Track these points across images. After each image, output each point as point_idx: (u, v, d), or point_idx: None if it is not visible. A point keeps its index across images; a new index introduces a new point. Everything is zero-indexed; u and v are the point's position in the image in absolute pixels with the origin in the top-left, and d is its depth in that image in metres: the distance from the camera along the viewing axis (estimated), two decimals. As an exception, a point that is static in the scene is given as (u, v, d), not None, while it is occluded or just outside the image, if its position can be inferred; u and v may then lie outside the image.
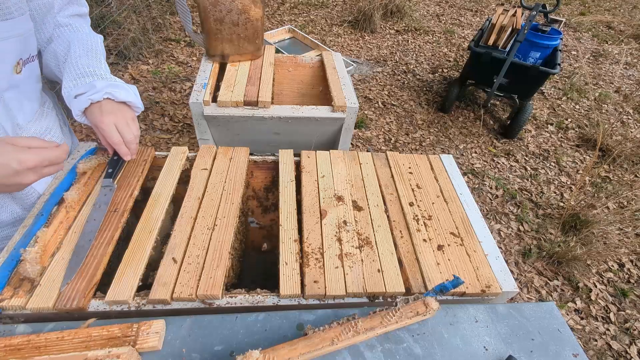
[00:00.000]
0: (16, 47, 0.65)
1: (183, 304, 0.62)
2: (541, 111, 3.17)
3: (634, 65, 4.06)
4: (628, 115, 3.24)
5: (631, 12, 5.55)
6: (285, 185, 0.85)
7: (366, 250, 0.73)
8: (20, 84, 0.69)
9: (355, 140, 2.65)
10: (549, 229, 2.17)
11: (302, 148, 0.97)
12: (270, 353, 0.50)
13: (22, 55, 0.68)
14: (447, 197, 0.88)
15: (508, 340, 0.61)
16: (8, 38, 0.63)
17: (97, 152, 0.87)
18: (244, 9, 1.20)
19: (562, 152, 2.76)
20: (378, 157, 0.98)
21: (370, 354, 0.56)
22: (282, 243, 0.72)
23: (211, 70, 1.26)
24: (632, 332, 1.73)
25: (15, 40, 0.64)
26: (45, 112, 0.83)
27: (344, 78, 1.30)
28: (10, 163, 0.51)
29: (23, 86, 0.70)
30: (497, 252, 0.77)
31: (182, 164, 0.87)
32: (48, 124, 0.82)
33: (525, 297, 1.84)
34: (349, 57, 3.60)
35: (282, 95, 1.52)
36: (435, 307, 0.59)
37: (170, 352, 0.54)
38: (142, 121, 2.49)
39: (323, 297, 0.65)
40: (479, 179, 2.46)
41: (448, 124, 2.90)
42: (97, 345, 0.51)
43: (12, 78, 0.66)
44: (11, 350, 0.50)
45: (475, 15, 4.85)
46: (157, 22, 3.47)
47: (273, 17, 4.13)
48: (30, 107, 0.77)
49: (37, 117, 0.80)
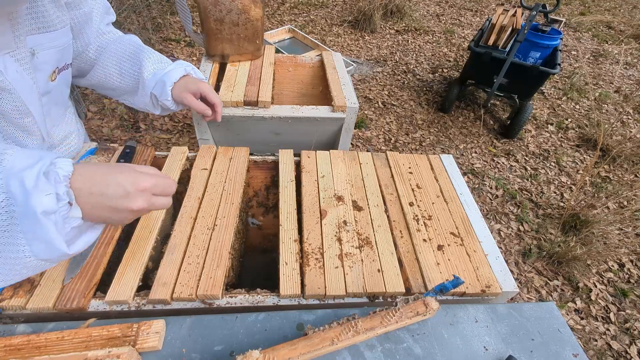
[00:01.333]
0: (55, 57, 0.68)
1: (183, 304, 0.62)
2: (541, 111, 3.17)
3: (634, 65, 4.06)
4: (628, 115, 3.24)
5: (631, 12, 5.55)
6: (285, 185, 0.85)
7: (366, 250, 0.73)
8: (52, 90, 0.71)
9: (355, 140, 2.65)
10: (549, 229, 2.17)
11: (302, 148, 0.97)
12: (270, 353, 0.50)
13: (58, 64, 0.70)
14: (447, 197, 0.88)
15: (508, 340, 0.61)
16: (49, 49, 0.65)
17: (97, 152, 0.87)
18: (244, 9, 1.20)
19: (562, 152, 2.76)
20: (378, 157, 0.98)
21: (370, 354, 0.56)
22: (282, 243, 0.72)
23: (211, 70, 1.27)
24: (632, 332, 1.73)
25: (54, 51, 0.67)
26: (67, 117, 0.85)
27: (344, 78, 1.30)
28: (125, 183, 0.49)
29: (54, 92, 0.73)
30: (497, 252, 0.77)
31: (182, 164, 0.87)
32: (70, 129, 0.85)
33: (525, 297, 1.84)
34: (349, 57, 3.60)
35: (282, 95, 1.52)
36: (435, 307, 0.59)
37: (170, 352, 0.54)
38: (142, 121, 2.49)
39: (323, 297, 0.65)
40: (479, 179, 2.46)
41: (448, 124, 2.89)
42: (97, 345, 0.51)
43: (47, 85, 0.68)
44: (11, 350, 0.50)
45: (475, 15, 4.85)
46: (157, 22, 3.47)
47: (273, 17, 4.13)
48: (57, 112, 0.79)
49: (61, 121, 0.82)
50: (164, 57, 0.87)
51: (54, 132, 0.79)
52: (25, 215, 0.43)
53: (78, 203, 0.46)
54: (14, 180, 0.43)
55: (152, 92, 0.84)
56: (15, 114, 0.62)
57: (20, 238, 0.44)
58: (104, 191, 0.48)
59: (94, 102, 2.55)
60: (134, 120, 2.48)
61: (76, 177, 0.47)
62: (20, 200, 0.43)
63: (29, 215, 0.43)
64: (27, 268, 0.46)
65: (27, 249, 0.44)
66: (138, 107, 0.90)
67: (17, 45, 0.59)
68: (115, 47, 0.84)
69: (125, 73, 0.85)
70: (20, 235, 0.44)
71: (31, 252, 0.45)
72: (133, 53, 0.84)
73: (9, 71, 0.58)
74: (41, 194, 0.43)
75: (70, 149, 0.84)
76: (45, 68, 0.66)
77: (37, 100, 0.66)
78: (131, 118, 2.49)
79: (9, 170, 0.44)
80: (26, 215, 0.43)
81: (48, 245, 0.45)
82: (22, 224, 0.44)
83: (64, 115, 0.83)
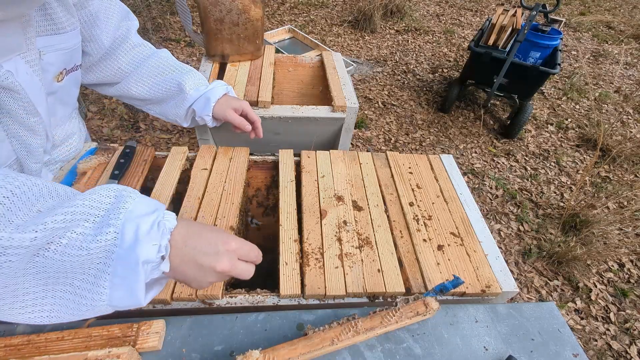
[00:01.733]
0: (62, 58, 0.68)
1: (183, 304, 0.62)
2: (541, 111, 3.17)
3: (634, 65, 4.06)
4: (628, 115, 3.24)
5: (631, 12, 5.55)
6: (285, 185, 0.85)
7: (366, 250, 0.73)
8: (58, 91, 0.72)
9: (355, 140, 2.65)
10: (549, 229, 2.17)
11: (302, 148, 0.97)
12: (270, 353, 0.50)
13: (66, 65, 0.71)
14: (447, 197, 0.88)
15: (508, 340, 0.61)
16: (57, 50, 0.66)
17: (97, 152, 0.87)
18: (244, 9, 1.20)
19: (562, 152, 2.76)
20: (378, 157, 0.98)
21: (370, 354, 0.56)
22: (282, 243, 0.72)
23: (211, 70, 1.27)
24: (632, 332, 1.73)
25: (62, 53, 0.68)
26: (72, 117, 0.86)
27: (344, 78, 1.30)
28: (216, 240, 0.49)
29: (61, 92, 0.73)
30: (497, 252, 0.77)
31: (182, 164, 0.87)
32: (72, 129, 0.85)
33: (525, 297, 1.84)
34: (349, 57, 3.60)
35: (282, 95, 1.52)
36: (435, 307, 0.59)
37: (170, 352, 0.54)
38: (142, 121, 2.49)
39: (323, 297, 0.65)
40: (479, 179, 2.46)
41: (448, 124, 2.90)
42: (97, 345, 0.51)
43: (52, 85, 0.69)
44: (11, 350, 0.50)
45: (475, 15, 4.85)
46: (157, 22, 3.47)
47: (273, 17, 4.13)
48: (63, 112, 0.79)
49: (65, 122, 0.82)
50: (198, 72, 0.92)
51: (57, 132, 0.79)
52: (123, 259, 0.43)
53: (169, 257, 0.47)
54: (131, 224, 0.43)
55: (193, 107, 0.87)
56: (22, 114, 0.62)
57: (105, 280, 0.43)
58: (197, 245, 0.48)
59: (94, 102, 2.55)
60: (134, 120, 2.49)
61: (178, 229, 0.47)
62: (127, 244, 0.43)
63: (128, 261, 0.43)
64: (89, 312, 0.45)
65: (107, 292, 0.43)
66: (164, 116, 0.92)
67: (28, 47, 0.60)
68: (152, 62, 0.87)
69: (159, 87, 0.87)
70: (106, 277, 0.43)
71: (108, 297, 0.44)
72: (169, 68, 0.88)
73: (19, 73, 0.58)
74: (149, 243, 0.44)
75: (71, 149, 0.84)
76: (51, 69, 0.67)
77: (44, 100, 0.66)
78: (131, 118, 2.49)
79: (130, 214, 0.44)
80: (125, 259, 0.43)
81: (129, 293, 0.44)
82: (114, 267, 0.43)
83: (69, 116, 0.84)
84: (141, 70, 0.87)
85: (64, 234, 0.41)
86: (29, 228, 0.39)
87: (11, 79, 0.57)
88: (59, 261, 0.41)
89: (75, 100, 0.85)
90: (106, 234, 0.42)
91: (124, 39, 0.84)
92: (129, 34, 0.84)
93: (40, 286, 0.43)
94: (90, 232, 0.42)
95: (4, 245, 0.38)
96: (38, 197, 0.43)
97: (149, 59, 0.88)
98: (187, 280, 0.49)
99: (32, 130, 0.66)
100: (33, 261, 0.41)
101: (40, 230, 0.39)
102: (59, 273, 0.42)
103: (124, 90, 0.87)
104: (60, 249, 0.41)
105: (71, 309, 0.44)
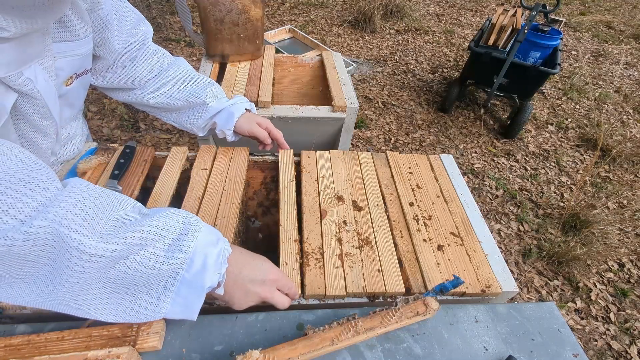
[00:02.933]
0: (73, 64, 0.69)
1: (183, 304, 0.62)
2: (541, 111, 3.17)
3: (634, 65, 4.06)
4: (628, 115, 3.24)
5: (631, 12, 5.55)
6: (285, 185, 0.85)
7: (366, 250, 0.73)
8: (67, 93, 0.72)
9: (355, 140, 2.65)
10: (549, 229, 2.17)
11: (302, 148, 0.97)
12: (270, 353, 0.50)
13: (77, 70, 0.72)
14: (447, 197, 0.88)
15: (508, 340, 0.61)
16: (69, 56, 0.67)
17: (97, 152, 0.87)
18: (244, 9, 1.20)
19: (562, 152, 2.76)
20: (378, 157, 0.98)
21: (370, 354, 0.56)
22: (282, 243, 0.72)
23: (211, 70, 1.27)
24: (632, 332, 1.73)
25: (73, 59, 0.68)
26: (77, 118, 0.86)
27: (344, 78, 1.30)
28: (263, 268, 0.55)
29: (69, 95, 0.74)
30: (497, 252, 0.77)
31: (182, 164, 0.87)
32: (76, 130, 0.85)
33: (525, 297, 1.84)
34: (349, 57, 3.60)
35: (282, 95, 1.52)
36: (435, 307, 0.59)
37: (170, 352, 0.54)
38: (142, 121, 2.49)
39: (323, 297, 0.65)
40: (479, 179, 2.46)
41: (448, 124, 2.89)
42: (97, 345, 0.51)
43: (60, 89, 0.70)
44: (11, 350, 0.50)
45: (475, 15, 4.85)
46: (157, 22, 3.47)
47: (273, 17, 4.13)
48: (70, 113, 0.80)
49: (71, 123, 0.83)
50: (218, 84, 0.92)
51: (62, 133, 0.79)
52: (189, 283, 0.47)
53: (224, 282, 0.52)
54: (200, 254, 0.47)
55: (215, 119, 0.88)
56: (37, 118, 0.64)
57: (168, 297, 0.47)
58: (249, 274, 0.53)
59: (94, 102, 2.55)
60: (134, 120, 2.49)
61: (233, 256, 0.52)
62: (194, 270, 0.47)
63: (194, 285, 0.47)
64: (143, 320, 0.49)
65: (167, 307, 0.48)
66: (179, 124, 0.92)
67: (46, 54, 0.61)
68: (171, 72, 0.87)
69: (178, 97, 0.87)
70: (169, 294, 0.47)
71: (166, 311, 0.48)
72: (188, 79, 0.88)
73: (38, 80, 0.60)
74: (214, 272, 0.48)
75: (73, 150, 0.85)
76: (61, 74, 0.68)
77: (57, 104, 0.68)
78: (131, 118, 2.49)
79: (199, 242, 0.48)
80: (191, 283, 0.47)
81: (187, 309, 0.49)
82: (179, 287, 0.47)
83: (76, 117, 0.84)
84: (160, 79, 0.86)
85: (138, 251, 0.44)
86: (111, 240, 0.42)
87: (30, 85, 0.58)
88: (130, 275, 0.44)
89: (82, 102, 0.85)
90: (176, 259, 0.45)
91: (141, 46, 0.83)
92: (145, 42, 0.84)
93: (106, 294, 0.46)
94: (162, 254, 0.45)
95: (90, 253, 0.40)
96: (111, 206, 0.45)
97: (168, 68, 0.87)
98: (232, 302, 0.54)
99: (44, 132, 0.67)
100: (108, 272, 0.44)
101: (121, 243, 0.42)
102: (129, 285, 0.46)
103: (139, 97, 0.87)
104: (134, 265, 0.44)
105: (130, 315, 0.48)
